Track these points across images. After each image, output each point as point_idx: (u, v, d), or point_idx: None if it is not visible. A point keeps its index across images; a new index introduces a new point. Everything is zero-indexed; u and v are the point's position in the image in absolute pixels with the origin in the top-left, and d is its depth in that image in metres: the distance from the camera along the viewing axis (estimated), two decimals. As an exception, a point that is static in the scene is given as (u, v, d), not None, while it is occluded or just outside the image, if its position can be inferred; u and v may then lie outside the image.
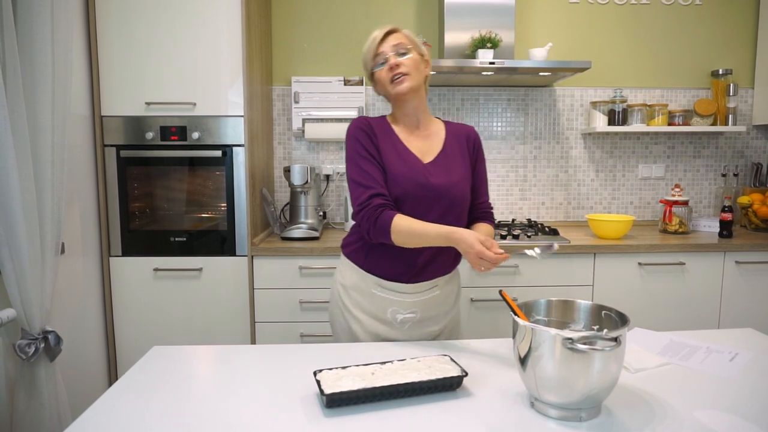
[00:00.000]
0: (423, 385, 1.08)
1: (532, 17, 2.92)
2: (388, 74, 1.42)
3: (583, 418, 1.00)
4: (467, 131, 1.54)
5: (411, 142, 1.48)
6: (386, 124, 1.50)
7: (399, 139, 1.47)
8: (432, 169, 1.44)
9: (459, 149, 1.50)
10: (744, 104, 3.01)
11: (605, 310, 1.09)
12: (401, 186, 1.41)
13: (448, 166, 1.46)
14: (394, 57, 1.42)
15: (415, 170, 1.43)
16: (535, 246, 1.35)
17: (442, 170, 1.45)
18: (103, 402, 1.08)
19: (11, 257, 1.60)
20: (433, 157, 1.47)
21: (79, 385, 2.15)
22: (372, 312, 1.48)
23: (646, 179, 3.04)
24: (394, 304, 1.46)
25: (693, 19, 2.96)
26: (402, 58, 1.42)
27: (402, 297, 1.46)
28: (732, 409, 1.04)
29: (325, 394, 1.03)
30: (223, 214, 2.39)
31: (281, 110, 2.91)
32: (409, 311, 1.47)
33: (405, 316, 1.47)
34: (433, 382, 1.09)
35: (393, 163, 1.43)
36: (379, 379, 1.08)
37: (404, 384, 1.07)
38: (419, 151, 1.47)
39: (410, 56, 1.42)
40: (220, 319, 2.40)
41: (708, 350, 1.34)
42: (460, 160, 1.49)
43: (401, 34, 1.45)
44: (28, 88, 1.66)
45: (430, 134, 1.51)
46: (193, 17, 2.28)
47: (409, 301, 1.47)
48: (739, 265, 2.46)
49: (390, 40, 1.43)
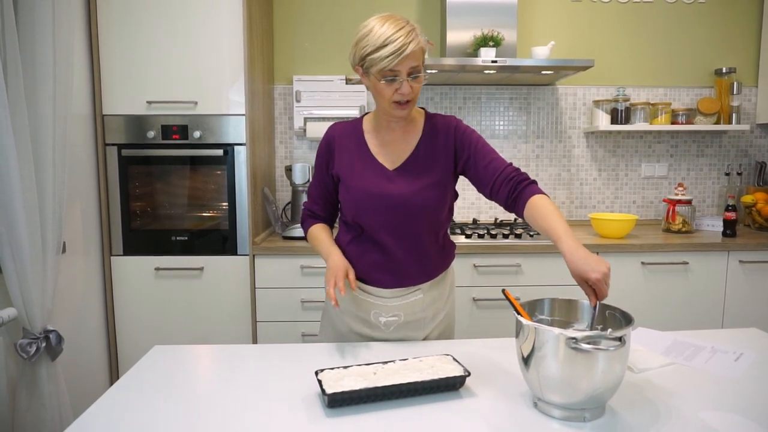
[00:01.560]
0: (425, 386, 1.08)
1: (534, 16, 2.91)
2: (394, 95, 1.30)
3: (586, 418, 0.99)
4: (446, 124, 1.43)
5: (382, 146, 1.42)
6: (358, 130, 1.44)
7: (367, 147, 1.42)
8: (396, 176, 1.38)
9: (434, 149, 1.41)
10: (748, 103, 3.00)
11: (609, 310, 1.08)
12: (354, 197, 1.39)
13: (417, 171, 1.39)
14: (409, 82, 1.28)
15: (372, 181, 1.38)
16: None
17: (407, 177, 1.38)
18: (104, 401, 1.08)
19: (12, 256, 1.60)
20: (401, 161, 1.40)
21: (81, 384, 2.15)
22: (356, 314, 1.46)
23: (649, 178, 3.03)
24: (376, 308, 1.44)
25: (696, 17, 2.95)
26: (414, 83, 1.30)
27: (384, 301, 1.43)
28: (737, 410, 1.03)
29: (326, 394, 1.02)
30: (225, 213, 2.38)
31: (283, 109, 2.91)
32: (392, 314, 1.44)
33: (388, 319, 1.44)
34: (435, 382, 1.08)
35: (350, 176, 1.40)
36: (381, 379, 1.08)
37: (406, 384, 1.06)
38: (388, 158, 1.41)
39: (420, 78, 1.31)
40: (221, 319, 2.40)
41: (712, 350, 1.33)
42: (433, 163, 1.40)
43: (420, 49, 1.28)
44: (30, 87, 1.66)
45: (407, 133, 1.43)
46: (194, 16, 2.27)
47: (391, 305, 1.43)
48: (742, 265, 2.45)
49: (409, 60, 1.26)
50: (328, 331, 1.54)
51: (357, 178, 1.39)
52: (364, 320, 1.46)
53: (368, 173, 1.39)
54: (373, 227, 1.40)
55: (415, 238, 1.40)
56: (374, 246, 1.41)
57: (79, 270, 2.19)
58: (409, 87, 1.28)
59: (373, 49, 1.25)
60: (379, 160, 1.41)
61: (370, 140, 1.43)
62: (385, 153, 1.42)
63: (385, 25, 1.26)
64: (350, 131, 1.45)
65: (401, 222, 1.38)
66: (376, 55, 1.24)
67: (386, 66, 1.24)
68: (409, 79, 1.28)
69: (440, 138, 1.41)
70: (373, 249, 1.41)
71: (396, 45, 1.23)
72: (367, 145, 1.42)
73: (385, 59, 1.24)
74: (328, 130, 1.47)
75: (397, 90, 1.29)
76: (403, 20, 1.28)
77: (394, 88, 1.29)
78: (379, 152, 1.42)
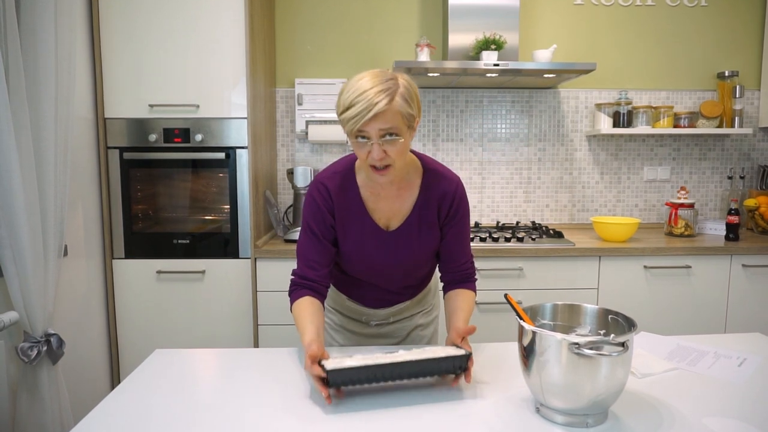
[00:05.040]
0: (426, 366, 1.09)
1: (536, 19, 2.91)
2: (368, 158, 1.17)
3: (589, 424, 0.98)
4: (443, 191, 1.32)
5: (378, 203, 1.31)
6: (351, 182, 1.31)
7: (363, 204, 1.31)
8: (393, 241, 1.32)
9: (430, 210, 1.32)
10: (750, 106, 2.99)
11: (612, 315, 1.08)
12: (348, 259, 1.35)
13: (414, 236, 1.32)
14: (380, 145, 1.14)
15: (367, 246, 1.32)
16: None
17: (404, 241, 1.32)
18: (105, 405, 1.08)
19: (14, 259, 1.60)
20: (399, 222, 1.32)
21: (82, 388, 2.15)
22: (347, 315, 1.53)
23: (652, 182, 3.02)
24: (366, 315, 1.50)
25: (698, 20, 2.95)
26: (389, 147, 1.15)
27: (373, 311, 1.49)
28: (741, 416, 1.02)
29: (326, 370, 1.03)
30: (227, 216, 2.38)
31: (284, 112, 2.91)
32: (382, 319, 1.51)
33: (378, 323, 1.51)
34: (437, 361, 1.09)
35: (346, 238, 1.32)
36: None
37: (407, 362, 1.07)
38: (384, 217, 1.32)
39: (400, 141, 1.16)
40: (223, 322, 2.39)
41: (716, 355, 1.33)
42: (430, 227, 1.33)
43: (394, 110, 1.13)
44: (32, 91, 1.66)
45: (402, 190, 1.32)
46: (196, 19, 2.27)
47: (381, 314, 1.49)
48: (746, 269, 2.44)
49: (377, 122, 1.12)
50: None
51: (353, 240, 1.32)
52: (356, 320, 1.53)
53: (364, 235, 1.32)
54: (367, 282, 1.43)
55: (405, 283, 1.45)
56: (365, 284, 1.43)
57: (80, 273, 2.19)
58: (382, 152, 1.15)
59: (342, 109, 1.15)
60: (374, 218, 1.32)
61: (364, 193, 1.31)
62: (380, 210, 1.32)
63: (360, 82, 1.14)
64: (343, 182, 1.31)
65: (393, 277, 1.41)
66: (343, 115, 1.15)
67: (352, 128, 1.14)
68: (381, 142, 1.14)
69: (434, 202, 1.32)
70: (363, 287, 1.44)
71: (361, 106, 1.11)
72: (363, 202, 1.31)
73: (350, 120, 1.13)
74: (315, 188, 1.31)
75: (370, 153, 1.16)
76: (383, 77, 1.14)
77: (366, 151, 1.16)
78: (374, 209, 1.32)
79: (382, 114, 1.12)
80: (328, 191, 1.30)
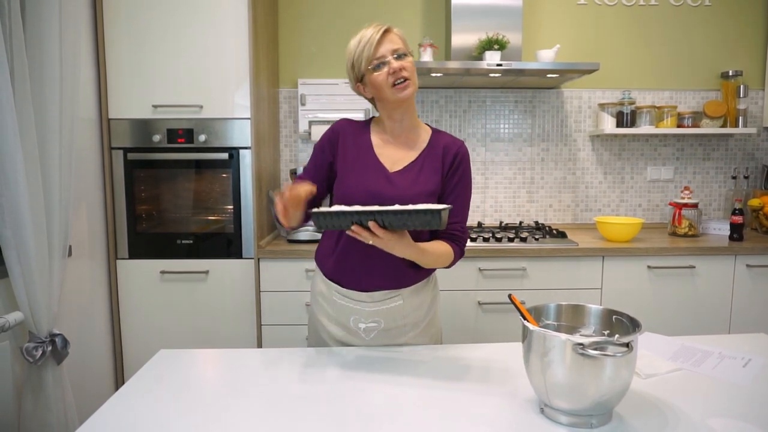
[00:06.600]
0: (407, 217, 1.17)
1: (539, 19, 2.91)
2: (389, 78, 1.35)
3: (593, 424, 0.98)
4: (448, 144, 1.45)
5: (386, 149, 1.44)
6: (365, 130, 1.47)
7: (371, 147, 1.44)
8: (395, 178, 1.40)
9: (434, 162, 1.43)
10: (754, 106, 2.98)
11: (616, 315, 1.08)
12: (349, 192, 1.40)
13: (416, 177, 1.41)
14: (396, 61, 1.35)
15: (370, 179, 1.39)
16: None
17: (406, 180, 1.40)
18: (110, 405, 1.08)
19: (19, 260, 1.60)
20: (403, 165, 1.42)
21: (86, 388, 2.16)
22: (336, 319, 1.46)
23: (655, 182, 3.01)
24: (355, 313, 1.43)
25: (702, 20, 2.94)
26: (403, 62, 1.36)
27: (361, 306, 1.42)
28: (746, 417, 1.02)
29: (312, 212, 1.18)
30: (230, 216, 2.39)
31: (288, 112, 2.91)
32: (371, 320, 1.43)
33: (368, 325, 1.43)
34: (417, 213, 1.16)
35: (348, 171, 1.42)
36: None
37: (387, 211, 1.17)
38: (389, 160, 1.43)
39: (409, 59, 1.38)
40: (226, 322, 2.40)
41: (720, 356, 1.32)
42: (432, 175, 1.42)
43: (396, 35, 1.39)
44: (36, 92, 1.67)
45: (410, 141, 1.46)
46: (200, 20, 2.28)
47: (369, 311, 1.42)
48: (750, 269, 2.43)
49: (387, 43, 1.36)
50: (312, 338, 1.56)
51: (355, 175, 1.41)
52: (344, 326, 1.45)
53: (368, 171, 1.41)
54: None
55: None
56: (360, 243, 1.35)
57: (84, 273, 2.20)
58: (399, 63, 1.35)
59: (354, 49, 1.37)
60: (381, 160, 1.43)
61: (375, 139, 1.46)
62: (387, 154, 1.44)
63: (359, 33, 1.39)
64: (357, 128, 1.47)
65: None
66: (357, 53, 1.37)
67: (368, 55, 1.35)
68: (394, 58, 1.35)
69: (439, 153, 1.44)
70: (358, 247, 1.36)
71: (368, 36, 1.36)
72: (372, 143, 1.45)
73: (365, 50, 1.35)
74: (336, 123, 1.48)
75: (389, 72, 1.34)
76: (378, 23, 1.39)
77: (386, 72, 1.35)
78: (381, 153, 1.44)
79: (389, 35, 1.37)
80: (339, 131, 1.46)
